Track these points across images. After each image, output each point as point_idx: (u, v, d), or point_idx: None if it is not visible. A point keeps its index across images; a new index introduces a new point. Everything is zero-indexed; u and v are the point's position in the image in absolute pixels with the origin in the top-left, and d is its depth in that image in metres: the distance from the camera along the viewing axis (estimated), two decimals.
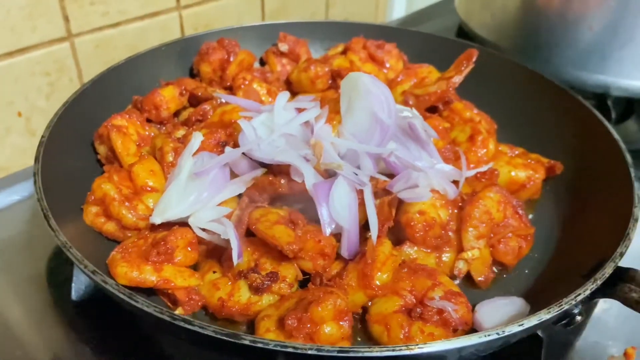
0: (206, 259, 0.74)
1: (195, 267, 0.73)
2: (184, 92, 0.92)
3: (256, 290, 0.66)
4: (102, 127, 0.84)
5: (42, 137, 0.76)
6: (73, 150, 0.83)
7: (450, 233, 0.73)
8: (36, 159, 0.72)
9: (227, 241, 0.69)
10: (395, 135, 0.77)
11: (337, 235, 0.70)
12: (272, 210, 0.73)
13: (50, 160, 0.75)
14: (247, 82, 0.98)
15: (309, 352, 0.50)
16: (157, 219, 0.73)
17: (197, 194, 0.74)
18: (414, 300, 0.65)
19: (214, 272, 0.72)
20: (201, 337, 0.53)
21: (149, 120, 0.91)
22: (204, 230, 0.72)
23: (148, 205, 0.76)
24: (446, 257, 0.73)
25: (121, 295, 0.56)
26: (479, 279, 0.72)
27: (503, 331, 0.51)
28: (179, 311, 0.67)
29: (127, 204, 0.75)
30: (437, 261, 0.73)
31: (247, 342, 0.51)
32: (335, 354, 0.49)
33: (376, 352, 0.49)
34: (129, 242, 0.73)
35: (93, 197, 0.76)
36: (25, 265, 0.82)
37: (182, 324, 0.53)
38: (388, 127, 0.74)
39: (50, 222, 0.63)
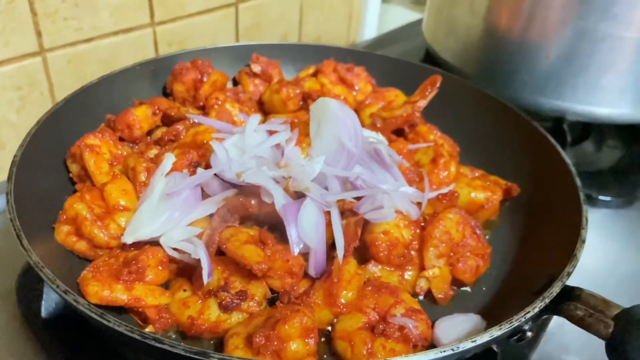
0: (177, 278, 0.76)
1: (165, 285, 0.75)
2: (157, 111, 0.94)
3: (225, 308, 0.68)
4: (74, 147, 0.84)
5: (15, 156, 0.76)
6: (45, 169, 0.83)
7: (412, 252, 0.77)
8: (9, 179, 0.73)
9: (198, 260, 0.71)
10: (362, 159, 0.80)
11: (305, 255, 0.73)
12: (242, 229, 0.75)
13: (22, 178, 0.75)
14: (219, 103, 1.00)
15: None
16: (128, 239, 0.74)
17: (168, 214, 0.75)
18: (377, 317, 0.67)
19: (184, 290, 0.73)
20: (171, 355, 0.55)
21: (121, 139, 0.92)
22: (175, 249, 0.74)
23: (120, 225, 0.77)
24: (408, 275, 0.76)
25: (93, 315, 0.57)
26: (439, 296, 0.75)
27: (458, 347, 0.55)
28: (149, 329, 0.68)
29: (99, 223, 0.76)
30: (400, 279, 0.76)
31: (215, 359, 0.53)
32: None
33: None
34: (100, 261, 0.73)
35: (65, 217, 0.77)
36: None
37: (152, 342, 0.54)
38: (353, 153, 0.77)
39: (23, 242, 0.64)
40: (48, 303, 0.76)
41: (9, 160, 1.08)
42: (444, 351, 0.54)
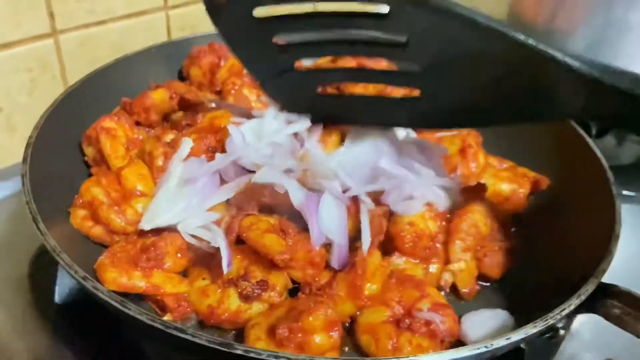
0: (195, 266, 0.74)
1: (184, 274, 0.73)
2: (174, 95, 0.92)
3: (246, 298, 0.66)
4: (90, 129, 0.82)
5: (30, 137, 0.74)
6: (59, 152, 0.82)
7: (437, 245, 0.74)
8: (24, 160, 0.71)
9: (216, 248, 0.69)
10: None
11: (327, 245, 0.71)
12: (262, 218, 0.73)
13: (37, 161, 0.74)
14: (237, 87, 0.98)
15: None
16: (146, 225, 0.73)
17: (186, 200, 0.73)
18: (401, 311, 0.65)
19: (203, 279, 0.71)
20: (192, 345, 0.53)
21: (137, 123, 0.90)
22: (193, 236, 0.72)
23: (137, 210, 0.75)
24: (433, 268, 0.74)
25: (113, 303, 0.55)
26: (464, 290, 0.73)
27: (491, 344, 0.53)
28: (167, 317, 0.67)
29: (115, 208, 0.74)
30: (424, 272, 0.73)
31: (239, 352, 0.51)
32: None
33: None
34: (117, 247, 0.72)
35: (81, 201, 0.75)
36: (7, 266, 0.81)
37: (174, 332, 0.52)
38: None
39: (39, 225, 0.62)
40: (62, 289, 0.74)
41: (20, 144, 1.07)
42: (478, 348, 0.52)
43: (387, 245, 0.74)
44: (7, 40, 1.00)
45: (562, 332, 0.61)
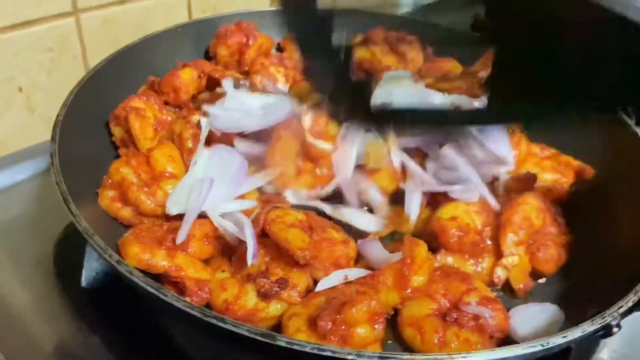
0: (217, 257, 0.71)
1: (205, 263, 0.70)
2: (202, 75, 0.89)
3: (264, 296, 0.63)
4: (119, 109, 0.80)
5: (58, 115, 0.72)
6: (86, 131, 0.79)
7: (487, 240, 0.71)
8: (52, 139, 0.68)
9: (241, 240, 0.67)
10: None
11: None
12: (290, 212, 0.70)
13: (64, 140, 0.71)
14: (265, 67, 0.95)
15: (348, 357, 0.47)
16: (173, 209, 0.71)
17: (215, 189, 0.71)
18: (447, 304, 0.63)
19: (223, 271, 0.69)
20: (231, 336, 0.51)
21: (165, 103, 0.88)
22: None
23: (166, 192, 0.73)
24: (484, 264, 0.70)
25: (149, 288, 0.53)
26: (519, 287, 0.69)
27: (547, 342, 0.50)
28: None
29: (145, 189, 0.72)
30: (474, 268, 0.70)
31: (282, 344, 0.49)
32: (376, 359, 0.47)
33: (418, 358, 0.47)
34: (143, 227, 0.70)
35: (110, 181, 0.73)
36: (31, 248, 0.79)
37: (214, 321, 0.50)
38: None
39: (71, 206, 0.60)
40: (89, 272, 0.72)
41: (40, 124, 1.06)
42: (533, 346, 0.49)
43: (432, 243, 0.71)
44: (27, 19, 0.97)
45: (615, 329, 0.57)
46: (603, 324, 0.53)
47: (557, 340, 0.51)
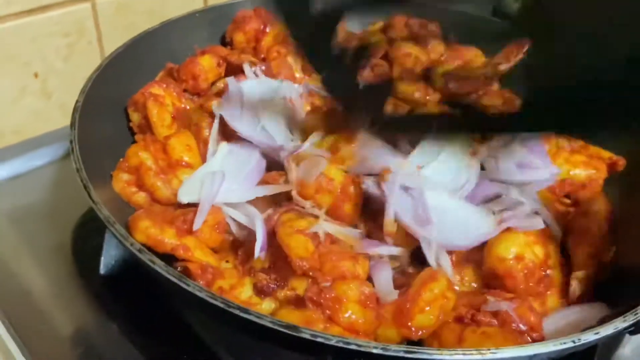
0: (224, 248, 0.70)
1: None
2: (221, 62, 0.88)
3: (259, 291, 0.61)
4: (138, 94, 0.79)
5: (77, 101, 0.71)
6: (104, 117, 0.79)
7: (548, 271, 0.63)
8: (72, 125, 0.68)
9: (249, 236, 0.66)
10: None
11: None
12: (305, 217, 0.66)
13: (83, 126, 0.70)
14: (281, 55, 0.93)
15: (374, 351, 0.46)
16: (184, 198, 0.70)
17: (227, 184, 0.70)
18: (463, 312, 0.58)
19: (227, 262, 0.68)
20: (252, 326, 0.50)
21: (184, 91, 0.86)
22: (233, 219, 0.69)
23: (182, 181, 0.72)
24: (550, 304, 0.63)
25: (170, 277, 0.52)
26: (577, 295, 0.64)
27: (579, 339, 0.49)
28: None
29: (162, 176, 0.71)
30: (542, 310, 0.62)
31: (306, 336, 0.48)
32: (402, 354, 0.46)
33: (446, 354, 0.46)
34: (155, 208, 0.70)
35: (127, 165, 0.72)
36: (49, 235, 0.79)
37: (236, 311, 0.49)
38: None
39: (91, 194, 0.59)
40: (107, 260, 0.72)
41: (56, 110, 1.06)
42: (564, 343, 0.48)
43: (487, 280, 0.64)
44: (44, 3, 0.97)
45: None
46: (635, 320, 0.52)
47: (589, 336, 0.49)
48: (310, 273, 0.60)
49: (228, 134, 0.76)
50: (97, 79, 0.76)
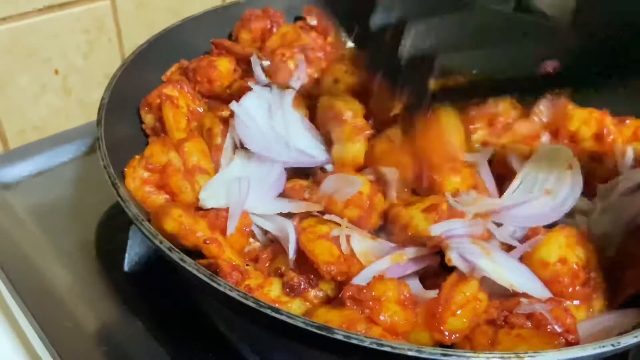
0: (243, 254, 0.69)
1: None
2: (237, 68, 0.87)
3: (290, 289, 0.59)
4: (151, 95, 0.78)
5: (103, 99, 0.71)
6: (128, 114, 0.79)
7: (592, 274, 0.61)
8: (98, 123, 0.67)
9: (273, 242, 0.66)
10: None
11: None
12: (325, 221, 0.66)
13: (108, 124, 0.70)
14: (284, 59, 0.90)
15: (409, 353, 0.46)
16: (208, 202, 0.68)
17: (252, 194, 0.68)
18: (497, 313, 0.57)
19: (248, 265, 0.66)
20: (283, 326, 0.50)
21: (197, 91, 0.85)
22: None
23: (202, 186, 0.70)
24: (596, 307, 0.61)
25: (201, 276, 0.52)
26: None
27: (618, 342, 0.48)
28: None
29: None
30: (588, 314, 0.61)
31: (340, 337, 0.47)
32: (438, 357, 0.46)
33: (482, 357, 0.45)
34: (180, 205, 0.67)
35: (148, 163, 0.70)
36: (73, 231, 0.79)
37: (268, 311, 0.49)
38: None
39: (120, 191, 0.59)
40: (131, 257, 0.72)
41: (76, 107, 1.06)
42: (604, 346, 0.47)
43: None
44: (64, 0, 0.97)
45: None
46: None
47: (629, 340, 0.48)
48: (339, 278, 0.59)
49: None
50: (122, 76, 0.76)
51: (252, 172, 0.71)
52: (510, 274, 0.59)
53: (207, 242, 0.61)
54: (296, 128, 0.75)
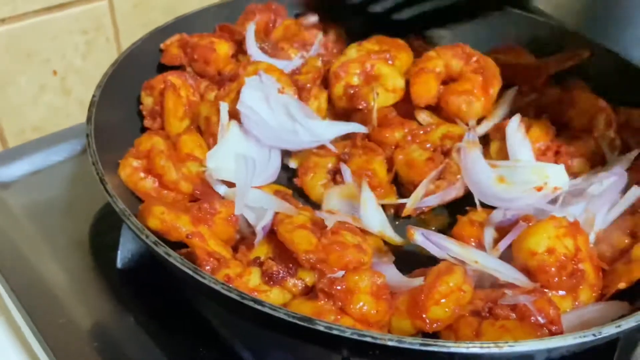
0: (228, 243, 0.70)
1: None
2: (235, 53, 0.88)
3: (269, 277, 0.60)
4: (156, 80, 0.80)
5: (93, 96, 0.72)
6: (120, 112, 0.80)
7: (580, 265, 0.61)
8: (88, 120, 0.68)
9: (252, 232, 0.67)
10: None
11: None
12: (302, 212, 0.67)
13: (99, 121, 0.71)
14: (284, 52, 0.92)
15: (389, 343, 0.46)
16: (219, 173, 0.70)
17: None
18: (481, 305, 0.58)
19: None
20: (266, 318, 0.50)
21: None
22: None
23: (191, 170, 0.73)
24: (582, 298, 0.61)
25: (185, 269, 0.52)
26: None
27: (600, 332, 0.48)
28: None
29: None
30: (574, 304, 0.61)
31: (321, 328, 0.47)
32: (417, 347, 0.46)
33: (463, 347, 0.46)
34: (168, 197, 0.71)
35: (137, 151, 0.73)
36: (67, 229, 0.80)
37: (251, 303, 0.49)
38: None
39: (107, 187, 0.60)
40: (124, 254, 0.72)
41: (75, 107, 1.07)
42: (585, 335, 0.47)
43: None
44: (63, 1, 0.98)
45: None
46: None
47: (610, 330, 0.48)
48: (318, 266, 0.59)
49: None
50: (113, 74, 0.76)
51: (251, 150, 0.74)
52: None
53: (190, 236, 0.61)
54: (296, 109, 0.77)
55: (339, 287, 0.55)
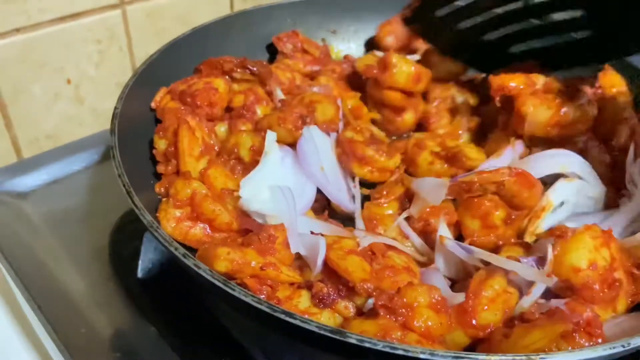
0: None
1: None
2: (231, 84, 0.87)
3: (319, 300, 0.58)
4: (169, 119, 0.76)
5: (116, 108, 0.72)
6: (139, 123, 0.80)
7: (615, 274, 0.59)
8: (112, 132, 0.68)
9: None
10: None
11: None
12: (350, 235, 0.67)
13: (122, 132, 0.71)
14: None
15: (421, 356, 0.46)
16: (251, 205, 0.67)
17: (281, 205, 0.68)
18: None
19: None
20: (297, 331, 0.50)
21: None
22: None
23: (234, 206, 0.68)
24: (620, 306, 0.60)
25: (217, 282, 0.52)
26: None
27: (628, 343, 0.48)
28: None
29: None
30: (613, 316, 0.60)
31: (353, 341, 0.48)
32: (450, 359, 0.46)
33: (495, 358, 0.46)
34: (217, 240, 0.66)
35: (177, 201, 0.67)
36: (87, 238, 0.80)
37: (282, 316, 0.50)
38: None
39: (134, 199, 0.60)
40: (145, 264, 0.73)
41: (88, 116, 1.07)
42: (614, 347, 0.47)
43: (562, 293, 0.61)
44: (76, 10, 0.98)
45: None
46: None
47: (639, 341, 0.48)
48: (374, 294, 0.59)
49: None
50: (134, 86, 0.77)
51: (288, 179, 0.72)
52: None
53: (264, 268, 0.59)
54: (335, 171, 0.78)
55: (399, 302, 0.55)
